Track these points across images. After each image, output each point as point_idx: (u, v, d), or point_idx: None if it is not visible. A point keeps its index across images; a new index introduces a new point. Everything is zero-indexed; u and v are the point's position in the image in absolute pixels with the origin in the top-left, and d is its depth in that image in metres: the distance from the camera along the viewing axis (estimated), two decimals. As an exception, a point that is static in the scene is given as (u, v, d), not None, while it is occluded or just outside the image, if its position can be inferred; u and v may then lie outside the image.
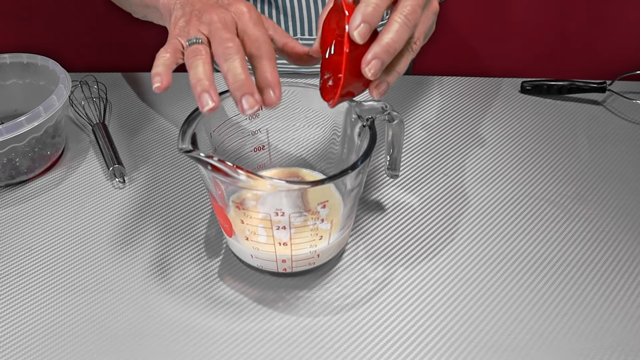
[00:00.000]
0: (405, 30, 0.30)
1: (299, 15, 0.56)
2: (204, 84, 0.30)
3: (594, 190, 0.46)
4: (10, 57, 0.50)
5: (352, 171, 0.33)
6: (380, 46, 0.29)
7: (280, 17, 0.56)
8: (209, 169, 0.32)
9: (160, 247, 0.41)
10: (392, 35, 0.30)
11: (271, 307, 0.37)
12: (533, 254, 0.41)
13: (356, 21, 0.29)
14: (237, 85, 0.30)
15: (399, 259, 0.40)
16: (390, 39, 0.29)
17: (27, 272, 0.40)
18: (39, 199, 0.46)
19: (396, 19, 0.30)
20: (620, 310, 0.37)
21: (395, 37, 0.30)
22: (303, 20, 0.56)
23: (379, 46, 0.29)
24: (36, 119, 0.43)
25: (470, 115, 0.55)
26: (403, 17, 0.30)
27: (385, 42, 0.29)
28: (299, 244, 0.36)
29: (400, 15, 0.30)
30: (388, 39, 0.29)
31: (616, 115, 0.55)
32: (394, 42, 0.30)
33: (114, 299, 0.38)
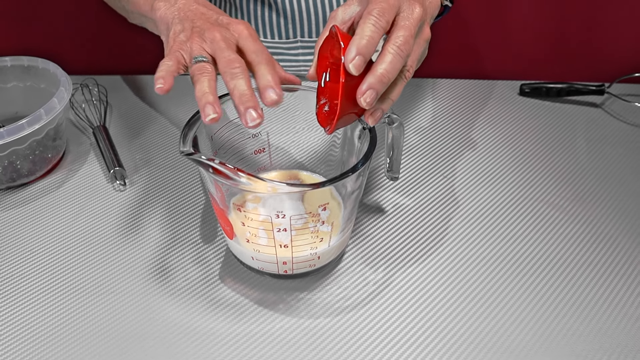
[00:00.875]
0: (399, 61, 0.31)
1: (299, 17, 0.56)
2: (209, 97, 0.32)
3: (592, 192, 0.47)
4: (11, 60, 0.50)
5: (353, 174, 0.33)
6: (374, 77, 0.31)
7: (280, 20, 0.57)
8: (210, 171, 0.32)
9: (161, 249, 0.41)
10: (385, 66, 0.31)
11: (272, 309, 0.37)
12: (532, 255, 0.41)
13: (351, 54, 0.30)
14: (243, 100, 0.32)
15: (399, 261, 0.41)
16: (384, 70, 0.31)
17: (28, 275, 0.40)
18: (40, 201, 0.46)
19: (389, 50, 0.31)
20: (619, 312, 0.37)
21: (389, 67, 0.31)
22: (303, 22, 0.57)
23: (374, 77, 0.31)
24: (37, 121, 0.44)
25: (469, 117, 0.55)
26: (396, 47, 0.31)
27: (379, 72, 0.31)
28: (299, 246, 0.36)
29: (393, 46, 0.31)
30: (382, 70, 0.31)
31: (614, 117, 0.55)
32: (388, 72, 0.31)
33: (115, 301, 0.38)
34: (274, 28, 0.57)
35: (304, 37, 0.58)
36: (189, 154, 0.33)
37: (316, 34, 0.57)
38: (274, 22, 0.57)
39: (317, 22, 0.57)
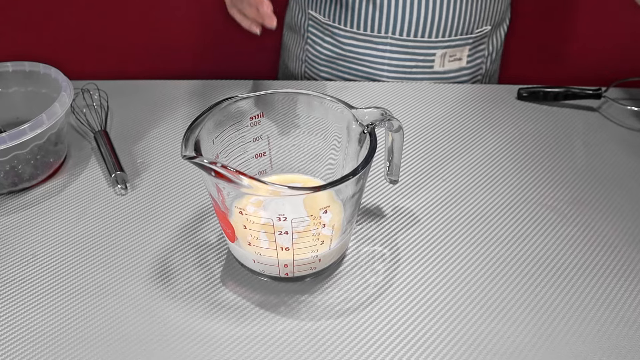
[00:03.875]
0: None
1: (394, 14, 0.57)
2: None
3: (590, 195, 0.47)
4: (12, 65, 0.50)
5: (353, 177, 0.33)
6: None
7: (375, 13, 0.57)
8: (212, 174, 0.33)
9: (163, 252, 0.42)
10: None
11: (273, 311, 0.37)
12: (531, 258, 0.41)
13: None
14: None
15: (399, 264, 0.41)
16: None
17: (30, 278, 0.40)
18: (42, 205, 0.46)
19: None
20: (618, 314, 0.37)
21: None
22: (397, 19, 0.57)
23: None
24: (39, 126, 0.44)
25: (468, 121, 0.55)
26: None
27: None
28: (300, 249, 0.36)
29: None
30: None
31: (611, 121, 0.56)
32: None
33: (117, 304, 0.38)
34: (368, 21, 0.58)
35: (395, 35, 0.58)
36: (191, 157, 0.33)
37: (407, 34, 0.58)
38: (369, 14, 0.58)
39: (410, 21, 0.57)
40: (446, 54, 0.60)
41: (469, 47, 0.60)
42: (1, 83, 0.51)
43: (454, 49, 0.60)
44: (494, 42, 0.64)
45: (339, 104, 0.39)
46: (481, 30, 0.60)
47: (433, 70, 0.61)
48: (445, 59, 0.60)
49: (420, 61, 0.60)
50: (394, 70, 0.61)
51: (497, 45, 0.65)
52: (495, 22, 0.62)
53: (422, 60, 0.60)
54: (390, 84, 0.60)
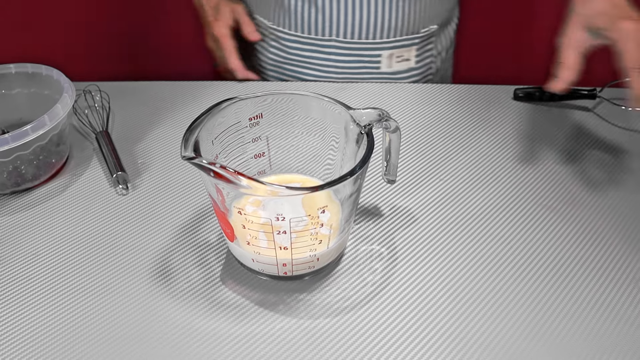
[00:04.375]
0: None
1: (337, 16, 0.56)
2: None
3: (585, 194, 0.48)
4: (15, 67, 0.51)
5: (351, 177, 0.34)
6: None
7: (318, 17, 0.57)
8: (212, 175, 0.33)
9: (163, 251, 0.42)
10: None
11: (272, 310, 0.38)
12: (527, 256, 0.42)
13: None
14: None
15: (397, 263, 0.41)
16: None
17: (33, 277, 0.40)
18: (44, 205, 0.47)
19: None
20: (614, 312, 0.38)
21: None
22: (340, 21, 0.57)
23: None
24: (41, 127, 0.44)
25: (464, 122, 0.56)
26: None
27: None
28: (299, 248, 0.37)
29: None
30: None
31: (606, 121, 0.56)
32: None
33: (118, 303, 0.38)
34: (311, 24, 0.58)
35: (339, 37, 0.58)
36: (190, 158, 0.34)
37: (351, 36, 0.58)
38: (312, 18, 0.58)
39: (353, 23, 0.57)
40: (393, 55, 0.59)
41: (416, 47, 0.60)
42: (4, 84, 0.51)
43: (400, 50, 0.59)
44: (443, 41, 0.64)
45: (336, 105, 0.39)
46: (427, 30, 0.60)
47: (380, 71, 0.60)
48: (392, 60, 0.59)
49: (367, 62, 0.60)
50: (340, 72, 0.61)
51: (447, 44, 0.65)
52: (442, 21, 0.62)
53: (368, 62, 0.60)
54: (388, 84, 0.61)
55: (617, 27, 0.38)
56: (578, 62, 0.40)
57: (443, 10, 0.61)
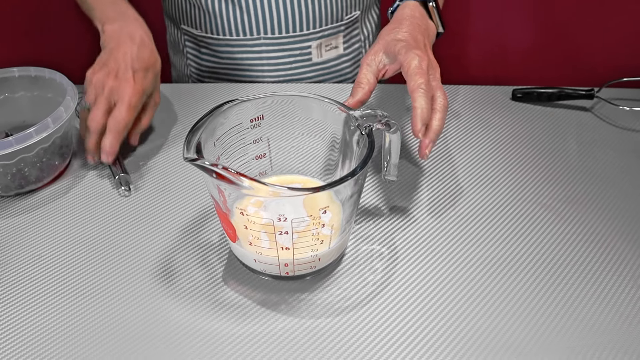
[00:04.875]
0: (446, 113, 0.42)
1: (262, 15, 0.58)
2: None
3: (583, 193, 0.48)
4: (19, 70, 0.52)
5: (352, 178, 0.34)
6: (435, 134, 0.41)
7: (244, 17, 0.58)
8: (214, 176, 0.34)
9: (166, 252, 0.43)
10: (440, 122, 0.41)
11: (274, 310, 0.38)
12: (526, 255, 0.42)
13: (419, 125, 0.40)
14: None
15: (397, 262, 0.42)
16: (439, 126, 0.41)
17: (36, 279, 0.41)
18: (48, 207, 0.47)
19: (439, 109, 0.42)
20: (612, 309, 0.38)
21: (442, 123, 0.42)
22: (266, 19, 0.58)
23: (434, 134, 0.41)
24: (45, 130, 0.45)
25: (463, 122, 0.56)
26: (441, 106, 0.42)
27: (436, 128, 0.41)
28: (300, 249, 0.37)
29: (440, 104, 0.42)
30: (437, 127, 0.41)
31: (604, 121, 0.57)
32: (442, 126, 0.42)
33: (122, 303, 0.39)
34: (238, 25, 0.59)
35: (267, 34, 0.59)
36: (192, 160, 0.34)
37: (278, 31, 0.59)
38: (238, 19, 0.59)
39: (279, 19, 0.58)
40: (322, 44, 0.61)
41: (342, 34, 0.62)
42: (8, 88, 0.52)
43: (328, 38, 0.61)
44: (368, 26, 0.66)
45: (337, 106, 0.40)
46: (351, 16, 0.62)
47: (312, 62, 0.62)
48: (321, 49, 0.61)
49: (298, 55, 0.61)
50: (274, 69, 0.62)
51: (372, 29, 0.67)
52: (364, 6, 0.64)
53: (300, 55, 0.61)
54: (386, 85, 0.61)
55: (409, 53, 0.41)
56: (372, 82, 0.43)
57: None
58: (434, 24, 0.48)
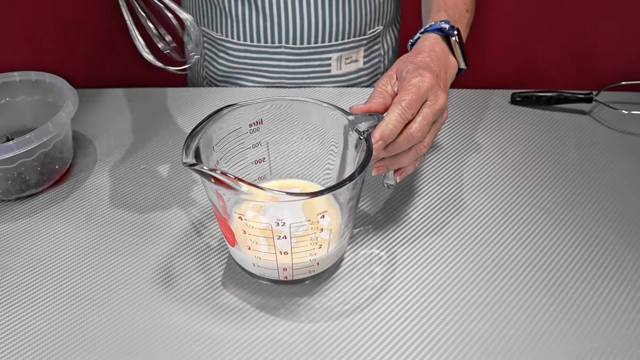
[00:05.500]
0: (409, 143, 0.38)
1: (285, 24, 0.57)
2: None
3: (582, 197, 0.48)
4: (19, 75, 0.52)
5: (350, 182, 0.34)
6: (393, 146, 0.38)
7: (267, 25, 0.58)
8: (212, 181, 0.34)
9: (165, 257, 0.43)
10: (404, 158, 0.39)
11: (273, 314, 0.38)
12: (525, 259, 0.42)
13: (375, 138, 0.37)
14: None
15: (396, 266, 0.42)
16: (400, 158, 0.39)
17: (36, 283, 0.41)
18: (48, 211, 0.47)
19: (404, 137, 0.38)
20: (610, 314, 0.38)
21: (408, 158, 0.39)
22: (289, 28, 0.58)
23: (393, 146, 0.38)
24: (45, 134, 0.45)
25: (462, 126, 0.57)
26: (409, 134, 0.38)
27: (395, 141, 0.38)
28: (299, 253, 0.37)
29: (408, 131, 0.38)
30: (395, 150, 0.39)
31: (602, 124, 0.57)
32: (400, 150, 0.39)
33: (121, 308, 0.39)
34: (260, 32, 0.59)
35: (288, 44, 0.59)
36: (191, 165, 0.34)
37: (300, 42, 0.59)
38: (261, 26, 0.58)
39: (302, 29, 0.58)
40: (342, 57, 0.61)
41: (364, 48, 0.62)
42: (9, 92, 0.52)
43: (349, 52, 0.61)
44: (389, 41, 0.65)
45: (335, 111, 0.40)
46: (374, 31, 0.62)
47: (331, 74, 0.62)
48: (341, 62, 0.61)
49: (317, 66, 0.61)
50: (291, 78, 0.62)
51: (392, 44, 0.66)
52: (386, 21, 0.63)
53: (319, 66, 0.61)
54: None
55: (415, 72, 0.39)
56: (387, 101, 0.40)
57: (387, 10, 0.63)
58: (456, 60, 0.45)
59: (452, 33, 0.44)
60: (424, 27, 0.45)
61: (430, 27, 0.45)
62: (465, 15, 0.49)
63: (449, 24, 0.44)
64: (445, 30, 0.44)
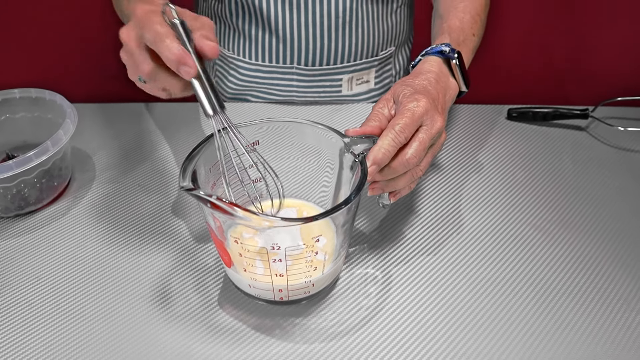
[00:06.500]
0: (404, 167, 0.38)
1: (297, 45, 0.57)
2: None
3: (578, 215, 0.48)
4: (20, 92, 0.52)
5: (345, 206, 0.35)
6: (389, 168, 0.38)
7: (279, 45, 0.58)
8: (209, 206, 0.34)
9: (163, 275, 0.43)
10: (398, 182, 0.40)
11: (268, 335, 0.39)
12: (520, 280, 0.43)
13: (368, 162, 0.37)
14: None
15: (391, 286, 0.42)
16: (391, 183, 0.39)
17: (34, 300, 0.41)
18: (47, 228, 0.48)
19: (400, 162, 0.38)
20: (603, 334, 0.39)
21: (401, 182, 0.40)
22: (301, 49, 0.58)
23: (388, 169, 0.38)
24: (44, 153, 0.46)
25: (458, 142, 0.57)
26: (405, 160, 0.38)
27: (390, 166, 0.38)
28: (294, 275, 0.37)
29: (403, 158, 0.38)
30: (388, 176, 0.39)
31: (599, 140, 0.57)
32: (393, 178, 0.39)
33: (118, 326, 0.39)
34: (272, 52, 0.59)
35: (300, 65, 0.60)
36: (188, 189, 0.35)
37: (312, 63, 0.59)
38: (273, 46, 0.58)
39: (314, 51, 0.58)
40: (353, 78, 0.60)
41: (375, 69, 0.61)
42: (9, 109, 0.53)
43: (360, 73, 0.61)
44: (401, 61, 0.65)
45: (331, 132, 0.40)
46: (386, 52, 0.61)
47: (342, 94, 0.62)
48: (352, 83, 0.60)
49: (328, 87, 0.61)
50: (302, 96, 0.62)
51: (404, 63, 0.66)
52: (399, 42, 0.63)
53: (330, 86, 0.61)
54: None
55: (411, 96, 0.39)
56: (383, 124, 0.39)
57: (400, 32, 0.62)
58: (456, 83, 0.45)
59: (452, 56, 0.44)
60: (426, 49, 0.45)
61: (432, 50, 0.45)
62: (472, 38, 0.49)
63: (449, 47, 0.44)
64: (446, 53, 0.44)
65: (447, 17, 0.49)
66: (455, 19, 0.49)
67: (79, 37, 0.72)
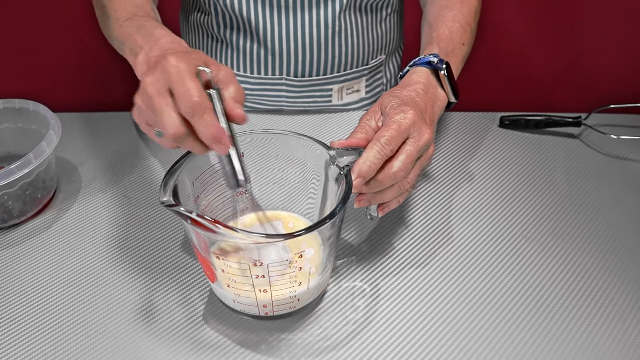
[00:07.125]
0: (391, 180, 0.37)
1: (286, 56, 0.57)
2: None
3: (570, 225, 0.48)
4: (3, 102, 0.52)
5: (329, 221, 0.34)
6: (374, 181, 0.38)
7: (268, 57, 0.58)
8: (189, 222, 0.33)
9: (147, 290, 0.42)
10: (385, 193, 0.39)
11: (254, 350, 0.38)
12: (511, 292, 0.42)
13: (353, 175, 0.36)
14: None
15: (379, 299, 0.41)
16: (380, 194, 0.39)
17: (17, 314, 0.41)
18: (31, 242, 0.47)
19: (387, 174, 0.37)
20: (596, 345, 0.38)
21: (389, 194, 0.39)
22: (290, 61, 0.57)
23: (374, 182, 0.38)
24: (27, 166, 0.45)
25: (450, 149, 0.56)
26: (392, 174, 0.37)
27: (377, 177, 0.37)
28: (278, 290, 0.37)
29: (389, 171, 0.37)
30: (375, 186, 0.38)
31: (591, 148, 0.56)
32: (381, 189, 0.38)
33: (102, 341, 0.39)
34: (261, 64, 0.58)
35: (289, 76, 0.59)
36: (169, 205, 0.34)
37: (301, 74, 0.59)
38: (262, 58, 0.58)
39: (303, 62, 0.58)
40: (343, 88, 0.60)
41: (366, 77, 0.61)
42: (-8, 120, 0.52)
43: (350, 82, 0.60)
44: (391, 68, 0.64)
45: (316, 145, 0.40)
46: (376, 60, 0.61)
47: (332, 104, 0.61)
48: (342, 93, 0.60)
49: (318, 97, 0.60)
50: (292, 106, 0.61)
51: (395, 71, 0.65)
52: (389, 50, 0.62)
53: (320, 96, 0.60)
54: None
55: (398, 108, 0.38)
56: (369, 135, 0.38)
57: (390, 40, 0.62)
58: (445, 94, 0.44)
59: (440, 67, 0.43)
60: (414, 60, 0.45)
61: (419, 61, 0.44)
62: (461, 48, 0.48)
63: (437, 58, 0.43)
64: (434, 64, 0.43)
65: (436, 26, 0.49)
66: (444, 28, 0.48)
67: (65, 47, 0.71)
